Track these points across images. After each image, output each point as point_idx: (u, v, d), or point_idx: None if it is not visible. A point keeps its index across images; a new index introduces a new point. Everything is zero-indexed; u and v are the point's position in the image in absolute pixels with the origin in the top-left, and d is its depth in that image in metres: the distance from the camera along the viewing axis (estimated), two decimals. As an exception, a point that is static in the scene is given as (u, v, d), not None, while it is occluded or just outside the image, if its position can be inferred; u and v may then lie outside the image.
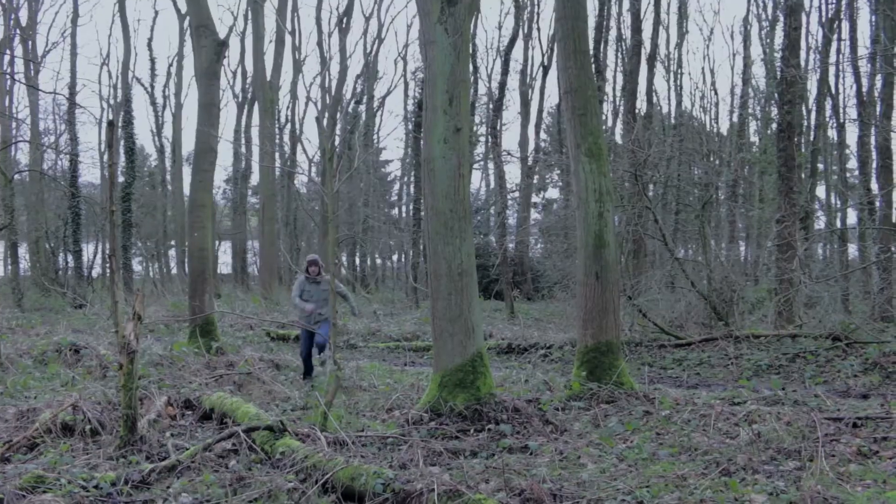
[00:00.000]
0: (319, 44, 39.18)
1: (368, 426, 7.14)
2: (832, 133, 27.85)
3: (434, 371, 7.46)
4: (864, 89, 21.77)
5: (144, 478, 5.37)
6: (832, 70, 24.70)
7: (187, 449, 6.09)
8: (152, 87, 39.26)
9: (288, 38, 29.45)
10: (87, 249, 31.32)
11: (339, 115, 35.86)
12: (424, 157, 7.25)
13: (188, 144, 42.94)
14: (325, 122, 24.17)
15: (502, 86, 25.01)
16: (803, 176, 21.85)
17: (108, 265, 29.13)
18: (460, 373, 6.98)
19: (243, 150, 36.77)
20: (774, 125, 20.03)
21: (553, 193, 45.81)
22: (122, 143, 27.41)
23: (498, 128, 26.23)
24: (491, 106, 30.08)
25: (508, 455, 6.14)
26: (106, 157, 13.06)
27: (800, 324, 13.55)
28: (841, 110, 24.97)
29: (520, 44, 34.28)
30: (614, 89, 31.71)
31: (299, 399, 8.59)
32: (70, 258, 28.48)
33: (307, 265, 9.45)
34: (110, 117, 38.07)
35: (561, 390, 8.55)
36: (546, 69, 34.52)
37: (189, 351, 11.18)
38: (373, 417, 7.72)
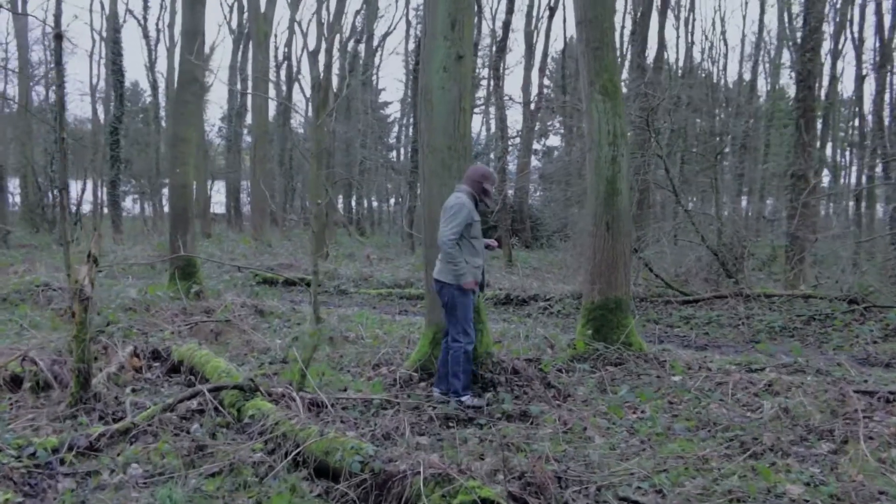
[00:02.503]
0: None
1: (352, 385, 6.48)
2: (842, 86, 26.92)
3: (426, 325, 6.78)
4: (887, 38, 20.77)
5: (92, 443, 4.71)
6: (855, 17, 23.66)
7: (147, 409, 5.43)
8: (145, 19, 37.85)
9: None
10: (77, 186, 30.44)
11: (335, 51, 34.64)
12: (422, 87, 6.46)
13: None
14: (320, 56, 23.10)
15: (506, 25, 23.88)
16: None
17: (73, 201, 28.29)
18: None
19: (238, 87, 35.60)
20: (792, 74, 19.16)
21: (555, 141, 44.78)
22: (110, 76, 26.33)
23: (501, 70, 25.15)
24: (494, 48, 28.93)
25: (506, 424, 5.49)
26: (55, 74, 12.23)
27: (814, 284, 12.87)
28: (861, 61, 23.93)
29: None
30: (622, 35, 30.58)
31: (280, 351, 7.91)
32: (57, 194, 27.58)
33: (482, 181, 5.98)
34: (102, 50, 36.77)
35: (564, 349, 7.89)
36: (553, 10, 33.21)
37: (165, 295, 10.48)
38: (358, 374, 7.06)
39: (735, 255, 13.41)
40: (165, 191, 41.55)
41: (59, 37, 5.27)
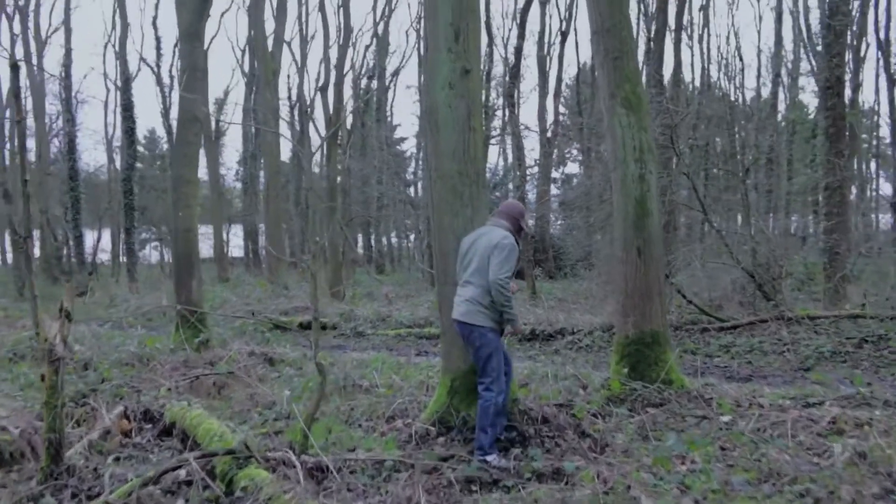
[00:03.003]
0: (323, 15, 37.50)
1: (362, 443, 5.78)
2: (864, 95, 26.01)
3: (443, 373, 6.07)
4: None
5: (55, 531, 4.04)
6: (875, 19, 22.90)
7: (128, 482, 4.77)
8: (158, 66, 37.77)
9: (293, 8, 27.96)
10: (92, 235, 30.18)
11: (348, 88, 34.36)
12: (426, 109, 5.83)
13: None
14: (329, 92, 22.68)
15: (518, 51, 23.40)
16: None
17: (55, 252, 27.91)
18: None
19: (253, 129, 35.36)
20: (812, 84, 18.40)
21: (573, 168, 44.11)
22: (121, 124, 26.09)
23: (515, 97, 24.63)
24: (507, 76, 28.45)
25: (537, 485, 4.76)
26: (12, 108, 11.82)
27: (862, 303, 12.03)
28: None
29: (536, 9, 32.54)
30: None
31: (287, 405, 7.24)
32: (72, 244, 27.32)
33: (520, 218, 5.52)
34: (117, 98, 36.76)
35: (597, 390, 7.14)
36: (565, 35, 32.88)
37: (165, 347, 9.87)
38: (370, 429, 6.36)
39: (772, 276, 12.61)
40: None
41: (14, 67, 4.72)
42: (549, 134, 31.81)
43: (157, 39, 36.26)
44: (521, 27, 22.99)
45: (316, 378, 8.93)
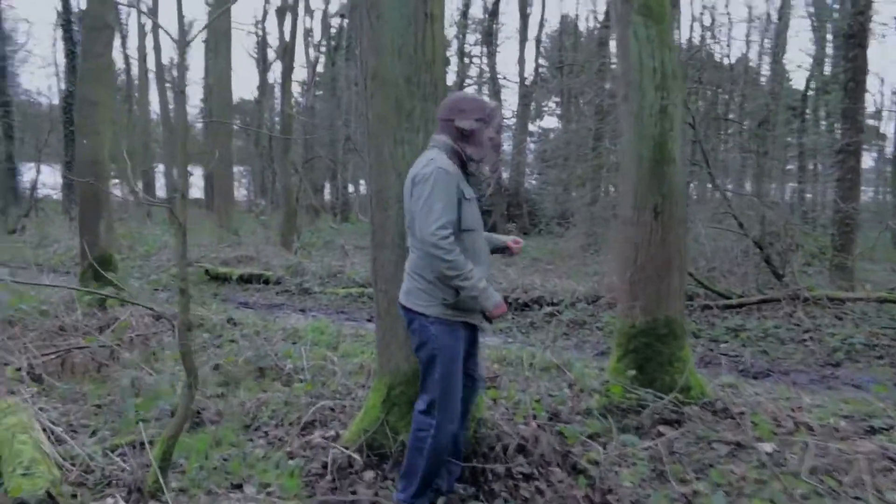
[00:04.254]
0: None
1: (254, 475, 3.97)
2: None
3: (377, 375, 4.23)
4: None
5: None
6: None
7: None
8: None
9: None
10: (31, 170, 27.79)
11: (315, 25, 31.91)
12: (363, -14, 3.90)
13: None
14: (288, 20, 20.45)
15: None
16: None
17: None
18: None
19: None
20: (830, 33, 16.60)
21: (550, 122, 42.00)
22: (62, 45, 23.58)
23: (493, 37, 22.56)
24: (486, 13, 26.28)
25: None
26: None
27: (892, 287, 10.39)
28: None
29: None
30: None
31: (171, 402, 5.36)
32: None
33: (460, 117, 3.41)
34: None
35: (591, 393, 5.39)
36: (552, -23, 30.56)
37: (58, 302, 7.95)
38: (276, 441, 4.56)
39: (782, 248, 10.92)
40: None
41: None
42: (527, 82, 29.82)
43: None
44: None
45: (233, 352, 7.12)
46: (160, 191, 34.76)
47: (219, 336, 7.89)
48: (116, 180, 42.29)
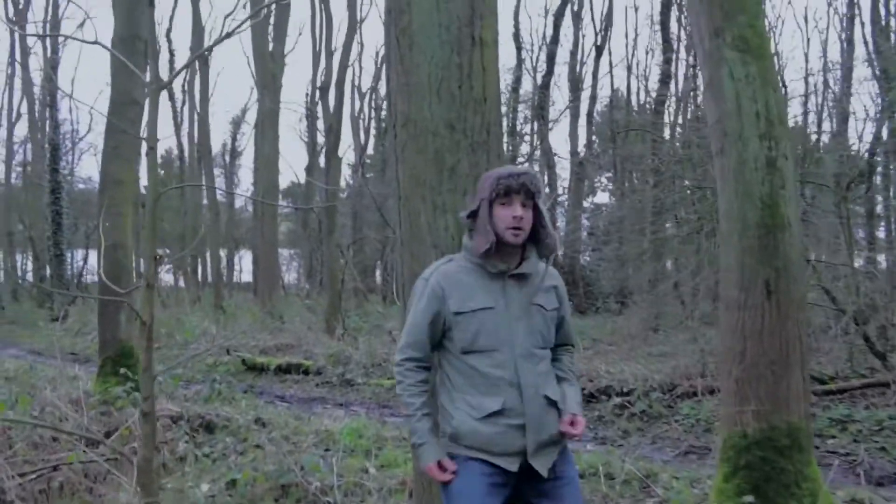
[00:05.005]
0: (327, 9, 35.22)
1: None
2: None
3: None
4: None
5: None
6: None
7: None
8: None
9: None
10: (78, 254, 27.73)
11: (367, 107, 31.79)
12: (388, 6, 3.03)
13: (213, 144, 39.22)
14: (331, 96, 20.10)
15: (551, 58, 20.69)
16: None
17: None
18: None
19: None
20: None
21: (603, 198, 41.01)
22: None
23: (546, 110, 21.89)
24: (537, 87, 25.73)
25: None
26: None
27: None
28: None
29: (568, 24, 29.68)
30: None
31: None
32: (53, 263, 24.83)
33: (483, 199, 2.52)
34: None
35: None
36: (599, 50, 30.01)
37: (63, 402, 7.07)
38: None
39: (882, 323, 9.64)
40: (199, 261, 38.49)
41: None
42: (581, 157, 29.07)
43: (171, 53, 34.12)
44: (556, 29, 20.26)
45: (255, 462, 6.14)
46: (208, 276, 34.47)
47: (243, 440, 6.91)
48: (169, 265, 42.41)
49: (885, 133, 16.43)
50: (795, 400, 4.04)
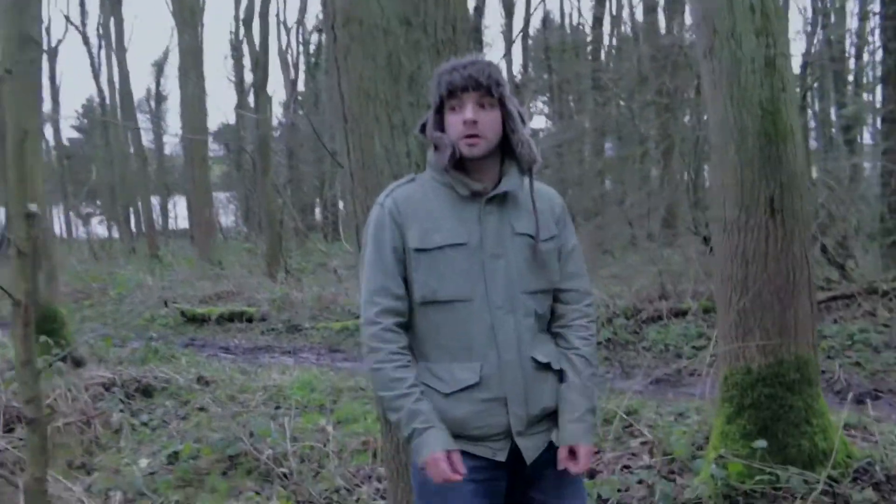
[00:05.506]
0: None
1: None
2: None
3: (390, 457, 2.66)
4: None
5: None
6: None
7: None
8: (84, 25, 33.57)
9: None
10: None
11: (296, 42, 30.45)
12: None
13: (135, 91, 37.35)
14: (255, 31, 19.02)
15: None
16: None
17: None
18: None
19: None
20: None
21: (539, 122, 40.35)
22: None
23: (480, 31, 21.10)
24: (472, 12, 24.80)
25: None
26: None
27: None
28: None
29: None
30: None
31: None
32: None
33: (442, 88, 1.87)
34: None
35: (687, 463, 3.84)
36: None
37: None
38: None
39: (840, 234, 9.43)
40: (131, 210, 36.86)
41: None
42: (517, 81, 28.39)
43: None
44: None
45: (199, 430, 5.56)
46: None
47: (185, 403, 6.32)
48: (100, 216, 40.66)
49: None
50: (803, 329, 3.61)
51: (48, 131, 39.67)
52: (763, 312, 3.55)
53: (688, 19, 14.71)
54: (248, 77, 33.66)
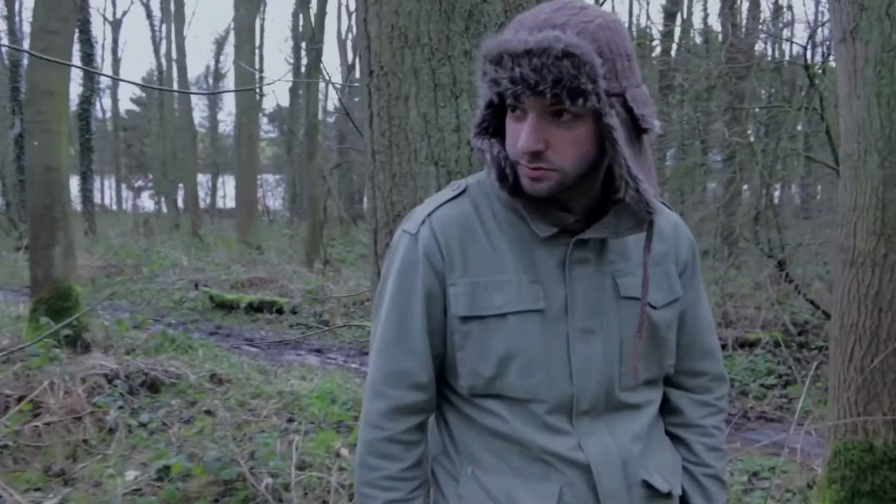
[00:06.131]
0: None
1: None
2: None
3: None
4: None
5: None
6: None
7: None
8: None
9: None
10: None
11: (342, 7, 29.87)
12: None
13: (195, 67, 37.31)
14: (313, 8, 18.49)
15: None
16: None
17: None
18: None
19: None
20: None
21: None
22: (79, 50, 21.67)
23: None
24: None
25: None
26: None
27: None
28: None
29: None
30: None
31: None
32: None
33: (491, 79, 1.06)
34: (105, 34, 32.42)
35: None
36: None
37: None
38: None
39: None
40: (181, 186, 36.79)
41: None
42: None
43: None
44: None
45: (202, 436, 4.92)
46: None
47: (192, 404, 5.70)
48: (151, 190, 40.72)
49: None
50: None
51: (106, 102, 40.10)
52: (883, 387, 2.76)
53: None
54: (305, 61, 33.35)
